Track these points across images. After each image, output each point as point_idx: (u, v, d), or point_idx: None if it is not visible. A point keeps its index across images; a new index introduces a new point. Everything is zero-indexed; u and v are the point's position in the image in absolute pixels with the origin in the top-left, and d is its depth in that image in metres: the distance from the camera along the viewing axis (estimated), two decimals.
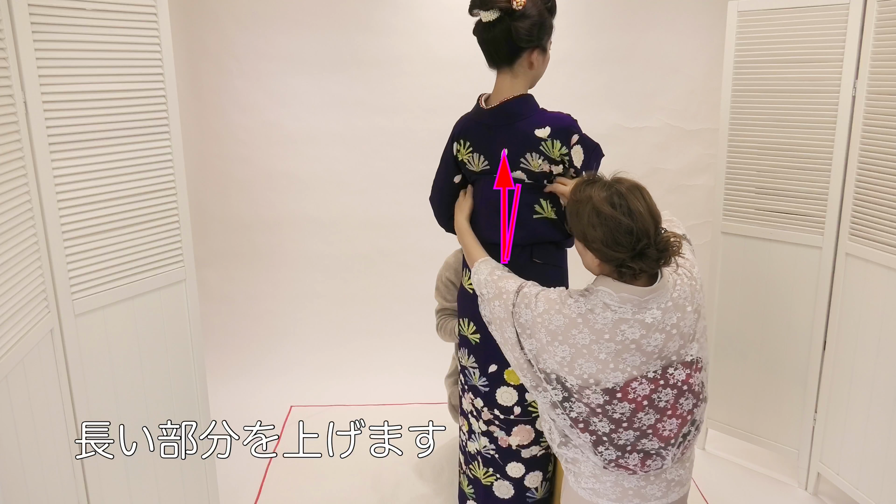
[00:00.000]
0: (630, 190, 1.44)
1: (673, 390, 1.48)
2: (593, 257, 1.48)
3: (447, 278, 2.35)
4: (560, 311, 1.48)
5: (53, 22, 1.58)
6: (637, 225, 1.40)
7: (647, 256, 1.41)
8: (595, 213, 1.43)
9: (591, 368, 1.45)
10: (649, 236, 1.41)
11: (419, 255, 3.59)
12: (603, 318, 1.44)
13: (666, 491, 1.57)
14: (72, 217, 1.67)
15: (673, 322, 1.46)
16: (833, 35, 2.24)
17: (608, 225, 1.41)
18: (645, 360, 1.45)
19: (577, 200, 1.48)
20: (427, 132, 3.45)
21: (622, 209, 1.41)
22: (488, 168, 1.85)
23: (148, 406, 1.94)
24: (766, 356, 2.58)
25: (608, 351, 1.44)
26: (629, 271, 1.43)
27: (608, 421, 1.47)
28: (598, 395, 1.46)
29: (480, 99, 1.89)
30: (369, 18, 3.35)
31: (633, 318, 1.43)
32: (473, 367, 2.00)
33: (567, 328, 1.46)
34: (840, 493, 2.52)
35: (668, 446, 1.51)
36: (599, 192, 1.45)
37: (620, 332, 1.43)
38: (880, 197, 2.14)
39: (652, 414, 1.47)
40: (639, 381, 1.45)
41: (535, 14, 1.70)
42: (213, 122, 3.46)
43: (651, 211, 1.43)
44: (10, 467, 1.42)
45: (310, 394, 3.29)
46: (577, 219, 1.48)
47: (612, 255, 1.42)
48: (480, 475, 2.08)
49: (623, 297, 1.43)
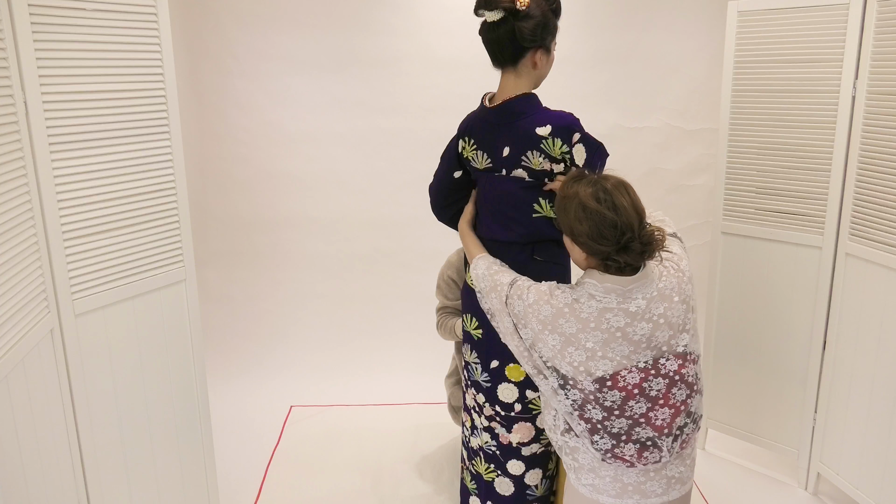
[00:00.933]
0: (615, 186, 1.50)
1: (665, 380, 1.52)
2: (580, 251, 1.55)
3: (449, 276, 2.35)
4: (548, 301, 1.55)
5: (53, 22, 1.58)
6: (621, 219, 1.46)
7: (632, 250, 1.47)
8: (581, 207, 1.49)
9: (580, 356, 1.51)
10: (633, 230, 1.47)
11: (419, 255, 3.59)
12: (588, 306, 1.50)
13: (666, 488, 1.58)
14: (72, 217, 1.67)
15: (660, 312, 1.51)
16: (833, 35, 2.24)
17: (593, 219, 1.47)
18: (633, 350, 1.50)
19: (565, 196, 1.55)
20: (427, 132, 3.45)
21: (607, 204, 1.47)
22: (491, 166, 1.86)
23: (148, 406, 1.94)
24: (766, 356, 2.58)
25: (595, 339, 1.50)
26: (614, 264, 1.49)
27: (601, 409, 1.52)
28: (590, 383, 1.51)
29: (485, 97, 1.90)
30: (369, 18, 3.35)
31: (617, 307, 1.49)
32: (476, 363, 2.01)
33: (555, 317, 1.53)
34: (840, 493, 2.52)
35: (663, 436, 1.53)
36: (586, 188, 1.51)
37: (605, 320, 1.49)
38: (880, 197, 2.14)
39: (643, 403, 1.51)
40: (629, 370, 1.50)
41: (539, 14, 1.72)
42: (213, 122, 3.46)
43: (635, 206, 1.49)
44: (10, 467, 1.42)
45: (310, 394, 3.29)
46: (564, 214, 1.54)
47: (598, 249, 1.49)
48: (482, 471, 2.08)
49: (607, 287, 1.50)
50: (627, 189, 1.51)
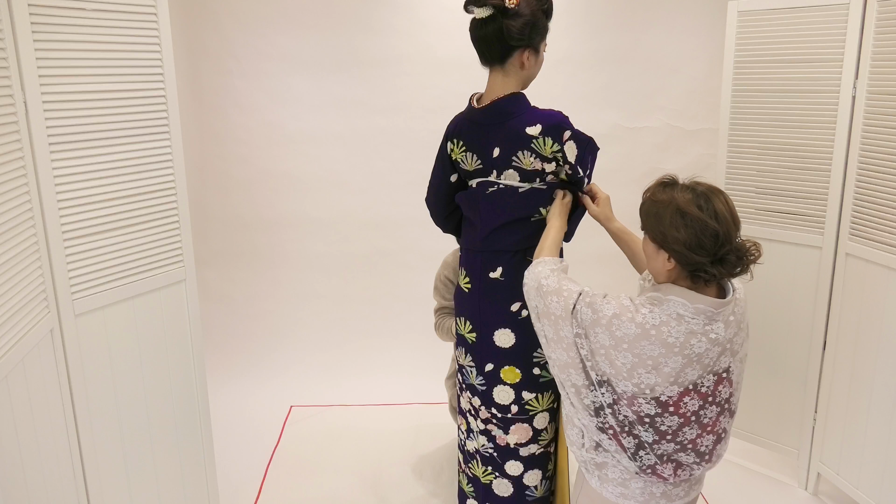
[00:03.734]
0: (714, 193, 1.42)
1: (717, 408, 1.47)
2: (666, 261, 1.44)
3: (445, 277, 2.35)
4: (633, 319, 1.42)
5: (53, 22, 1.58)
6: (722, 228, 1.37)
7: (727, 262, 1.38)
8: (679, 214, 1.39)
9: (650, 380, 1.42)
10: (731, 241, 1.38)
11: (419, 255, 3.59)
12: (676, 331, 1.39)
13: (688, 490, 1.59)
14: (72, 217, 1.67)
15: (729, 337, 1.44)
16: (833, 35, 2.24)
17: (694, 227, 1.38)
18: (701, 374, 1.43)
19: (657, 202, 1.45)
20: (427, 132, 3.45)
21: (709, 212, 1.38)
22: (480, 168, 1.85)
23: (148, 406, 1.94)
24: (766, 356, 2.58)
25: (674, 364, 1.41)
26: (705, 276, 1.40)
27: (654, 431, 1.45)
28: (651, 405, 1.43)
29: (472, 98, 1.90)
30: (369, 18, 3.35)
31: (702, 330, 1.40)
32: (471, 366, 2.00)
33: (637, 338, 1.41)
34: (840, 493, 2.52)
35: (703, 462, 1.50)
36: (683, 194, 1.42)
37: (690, 346, 1.40)
38: (880, 197, 2.14)
39: (696, 428, 1.46)
40: (690, 395, 1.43)
41: (528, 13, 1.71)
42: (213, 122, 3.46)
43: (733, 215, 1.41)
44: (10, 467, 1.42)
45: (310, 394, 3.29)
46: (656, 220, 1.44)
47: (693, 259, 1.38)
48: (479, 473, 2.08)
49: (698, 307, 1.40)
50: (724, 196, 1.42)
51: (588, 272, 3.44)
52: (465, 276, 1.97)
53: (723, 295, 1.47)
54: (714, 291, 1.46)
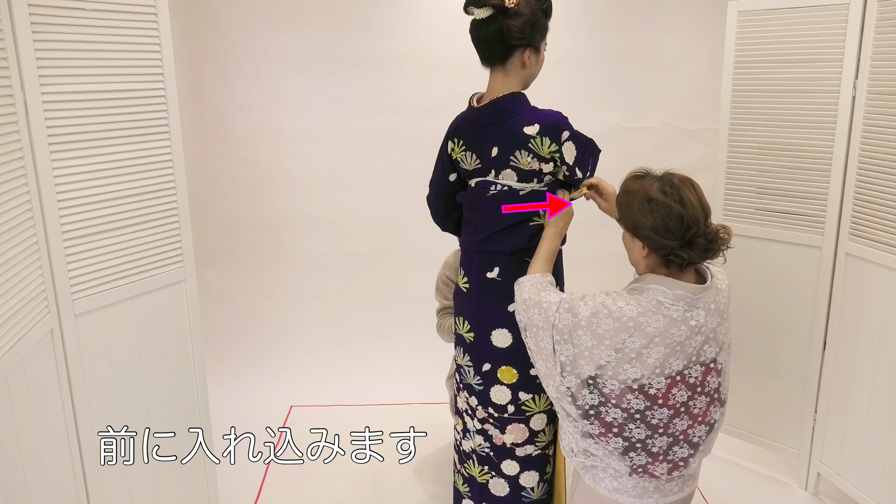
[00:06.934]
0: (682, 182, 1.48)
1: (706, 398, 1.50)
2: (641, 248, 1.50)
3: (447, 277, 2.35)
4: (610, 314, 1.46)
5: (53, 22, 1.58)
6: (687, 212, 1.43)
7: (696, 245, 1.44)
8: (647, 200, 1.46)
9: (636, 373, 1.45)
10: (699, 225, 1.44)
11: (419, 255, 3.59)
12: (655, 320, 1.44)
13: (682, 486, 1.60)
14: (72, 217, 1.67)
15: (712, 326, 1.48)
16: (833, 35, 2.24)
17: (659, 211, 1.44)
18: (686, 364, 1.46)
19: (629, 191, 1.52)
20: (427, 132, 3.45)
21: (673, 197, 1.45)
22: (479, 167, 1.86)
23: (148, 406, 1.94)
24: (766, 356, 2.58)
25: (657, 355, 1.44)
26: (677, 260, 1.45)
27: (645, 426, 1.48)
28: (640, 400, 1.46)
29: (472, 98, 1.90)
30: (369, 18, 3.35)
31: (682, 317, 1.44)
32: (468, 366, 2.00)
33: (617, 332, 1.45)
34: (840, 493, 2.52)
35: (697, 453, 1.53)
36: (651, 183, 1.49)
37: (670, 335, 1.44)
38: (880, 197, 2.14)
39: (686, 420, 1.49)
40: (678, 386, 1.46)
41: (528, 13, 1.71)
42: (213, 122, 3.46)
43: (701, 201, 1.46)
44: (10, 467, 1.42)
45: (310, 394, 3.29)
46: (627, 209, 1.51)
47: (662, 243, 1.45)
48: (475, 473, 2.08)
49: (677, 293, 1.44)
50: (693, 185, 1.49)
51: (588, 272, 3.44)
52: (464, 276, 1.97)
53: (702, 282, 1.51)
54: (692, 278, 1.50)
